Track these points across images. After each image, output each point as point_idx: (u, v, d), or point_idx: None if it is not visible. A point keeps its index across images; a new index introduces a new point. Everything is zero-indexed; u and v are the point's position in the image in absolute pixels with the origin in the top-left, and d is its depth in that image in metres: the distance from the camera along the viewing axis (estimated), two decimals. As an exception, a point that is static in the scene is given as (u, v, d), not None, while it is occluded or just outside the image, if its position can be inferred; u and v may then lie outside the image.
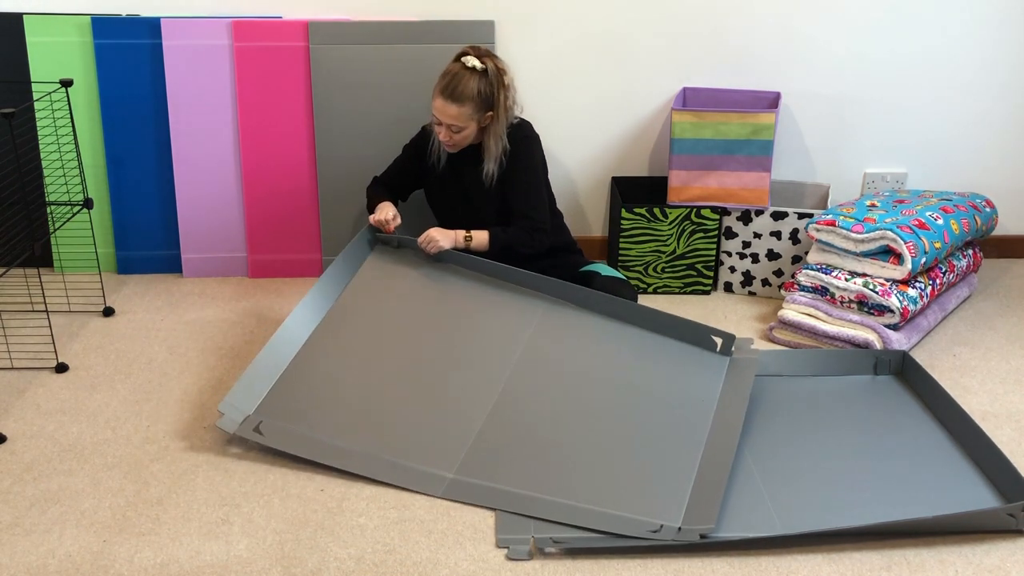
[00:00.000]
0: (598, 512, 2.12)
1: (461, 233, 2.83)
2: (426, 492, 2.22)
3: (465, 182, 2.91)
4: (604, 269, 2.99)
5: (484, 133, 2.82)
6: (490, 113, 2.78)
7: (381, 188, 3.04)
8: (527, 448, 2.32)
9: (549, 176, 3.00)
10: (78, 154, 3.05)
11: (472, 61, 2.74)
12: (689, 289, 3.30)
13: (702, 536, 2.02)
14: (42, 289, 2.94)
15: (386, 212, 2.88)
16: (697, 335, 2.64)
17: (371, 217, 2.89)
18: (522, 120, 2.92)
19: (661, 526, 2.07)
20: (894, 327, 2.84)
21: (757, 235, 3.23)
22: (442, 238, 2.81)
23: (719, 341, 2.61)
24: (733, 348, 2.61)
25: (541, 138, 2.93)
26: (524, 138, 2.88)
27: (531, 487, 2.20)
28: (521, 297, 2.75)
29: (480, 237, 2.84)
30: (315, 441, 2.35)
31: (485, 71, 2.74)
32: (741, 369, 2.54)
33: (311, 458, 2.30)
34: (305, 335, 2.64)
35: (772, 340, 2.97)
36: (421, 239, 2.83)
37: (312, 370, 2.55)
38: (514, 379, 2.52)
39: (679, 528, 2.06)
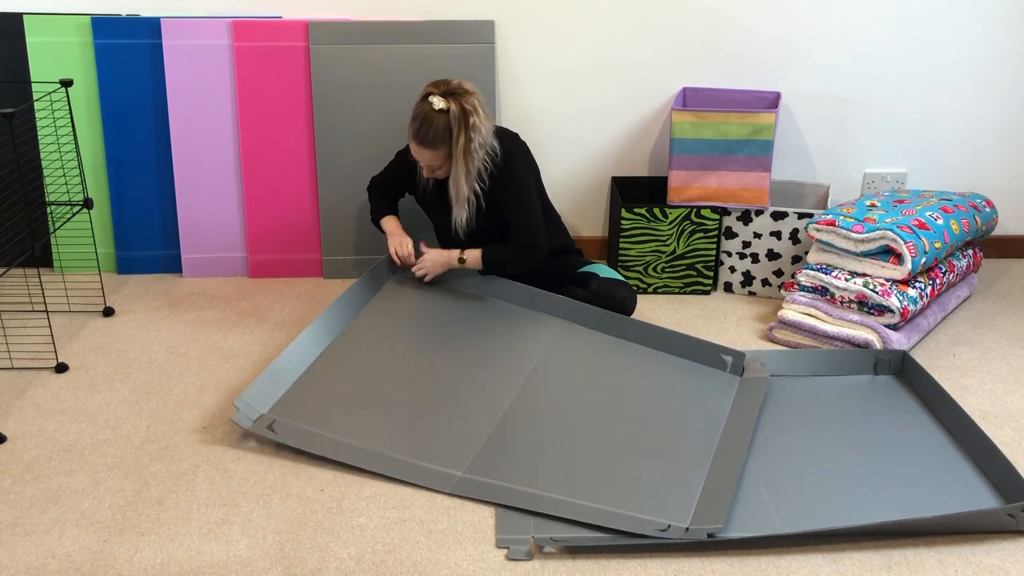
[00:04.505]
0: (607, 511, 2.13)
1: (455, 254, 2.89)
2: (436, 488, 2.23)
3: (449, 205, 2.86)
4: (603, 270, 2.99)
5: (451, 173, 2.76)
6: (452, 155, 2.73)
7: (382, 198, 3.05)
8: (537, 451, 2.34)
9: (548, 178, 3.00)
10: (78, 154, 3.05)
11: (438, 103, 2.67)
12: (689, 289, 3.30)
13: (709, 535, 2.02)
14: (42, 289, 2.94)
15: (404, 247, 2.92)
16: (707, 354, 2.70)
17: (391, 248, 2.94)
18: (505, 134, 2.87)
19: (669, 525, 2.07)
20: (894, 327, 2.84)
21: (757, 235, 3.23)
22: (435, 266, 2.90)
23: (729, 360, 2.67)
24: (743, 366, 2.67)
25: (541, 139, 2.92)
26: (508, 156, 2.82)
27: (540, 486, 2.21)
28: (535, 314, 2.85)
29: (473, 256, 2.88)
30: (327, 439, 2.36)
31: (449, 111, 2.67)
32: (751, 387, 2.59)
33: (322, 454, 2.31)
34: (323, 345, 2.69)
35: (772, 340, 2.97)
36: (416, 265, 2.91)
37: (328, 376, 2.59)
38: (525, 389, 2.55)
39: (687, 528, 2.07)
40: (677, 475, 2.25)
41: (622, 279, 2.99)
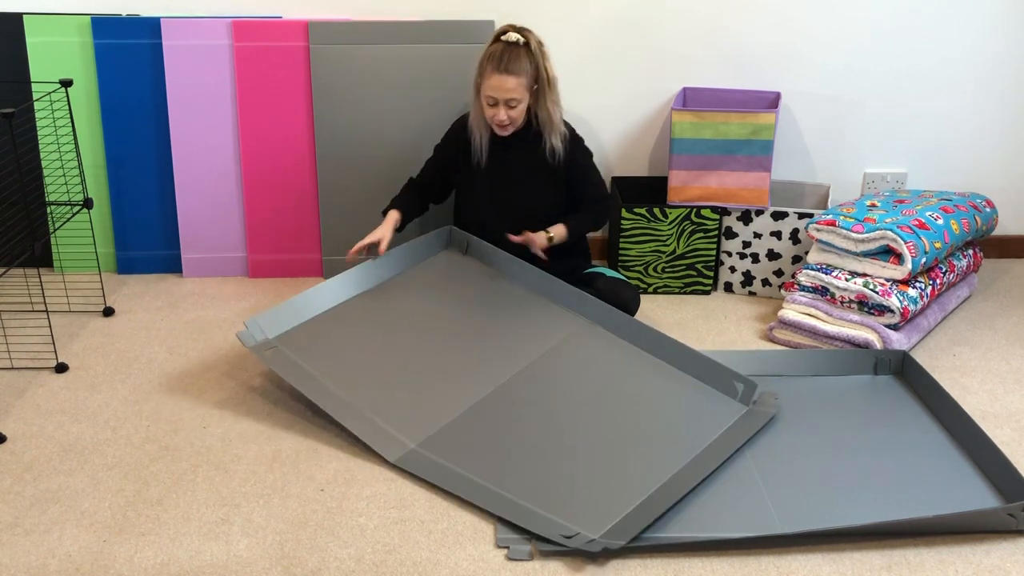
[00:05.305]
0: (519, 505, 2.13)
1: (542, 233, 2.92)
2: (382, 454, 2.31)
3: (513, 172, 2.95)
4: (608, 272, 3.01)
5: (536, 106, 2.86)
6: (536, 86, 2.83)
7: (412, 192, 3.05)
8: (495, 441, 2.35)
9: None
10: (78, 154, 3.05)
11: (514, 36, 2.80)
12: (689, 289, 3.30)
13: (605, 549, 1.99)
14: (42, 289, 2.94)
15: (369, 238, 2.86)
16: (720, 378, 2.55)
17: (368, 237, 2.88)
18: None
19: (577, 534, 2.03)
20: (894, 327, 2.84)
21: (757, 235, 3.23)
22: (539, 240, 2.91)
23: (740, 388, 2.52)
24: (754, 398, 2.50)
25: None
26: (575, 132, 2.97)
27: (481, 475, 2.23)
28: (560, 310, 2.80)
29: (559, 231, 2.94)
30: (308, 377, 2.50)
31: (528, 44, 2.80)
32: (751, 419, 2.45)
33: (296, 387, 2.46)
34: (349, 294, 2.80)
35: (772, 340, 2.97)
36: (523, 240, 2.92)
37: (341, 323, 2.71)
38: (515, 381, 2.55)
39: (591, 539, 2.02)
40: (622, 487, 2.19)
41: (627, 281, 3.00)
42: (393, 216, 2.96)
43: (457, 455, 2.29)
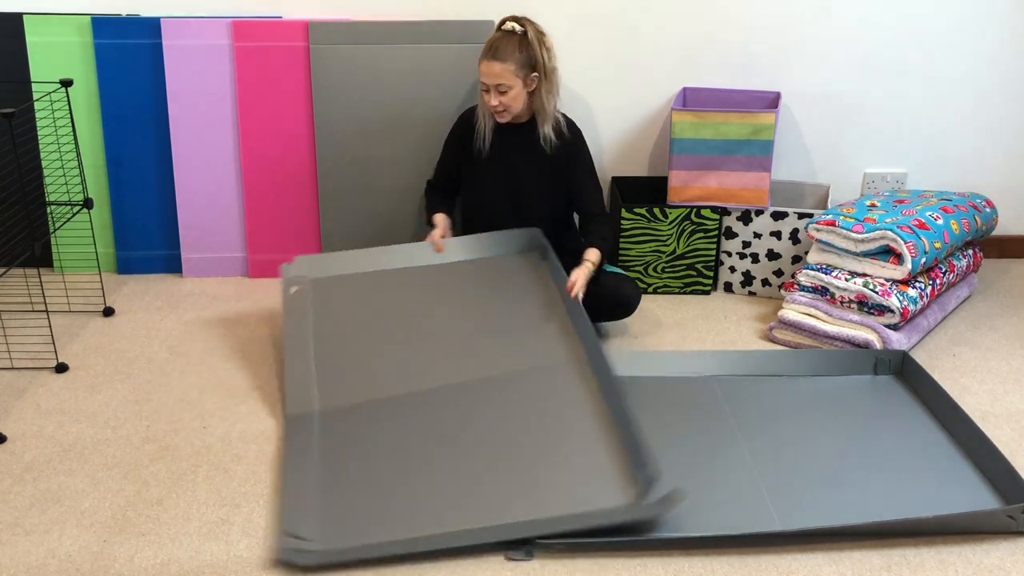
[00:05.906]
0: (304, 496, 2.15)
1: (588, 266, 2.78)
2: (286, 404, 2.43)
3: (514, 162, 2.97)
4: (608, 267, 3.01)
5: (533, 96, 2.90)
6: (535, 74, 2.85)
7: (436, 194, 3.12)
8: (380, 434, 2.31)
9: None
10: (78, 154, 3.05)
11: (512, 26, 2.85)
12: (689, 289, 3.30)
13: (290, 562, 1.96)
14: (42, 289, 2.94)
15: (435, 234, 2.98)
16: (632, 462, 2.14)
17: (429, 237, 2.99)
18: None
19: (299, 539, 1.99)
20: (894, 327, 2.84)
21: (757, 235, 3.23)
22: (582, 277, 2.74)
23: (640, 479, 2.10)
24: (651, 496, 2.04)
25: None
26: (580, 131, 2.99)
27: (327, 455, 2.25)
28: (561, 339, 2.58)
29: (594, 254, 2.84)
30: (302, 322, 2.66)
31: (525, 33, 2.83)
32: (624, 511, 2.04)
33: (283, 327, 2.65)
34: (401, 264, 2.91)
35: (772, 340, 2.97)
36: (568, 285, 2.70)
37: (372, 286, 2.82)
38: (448, 390, 2.44)
39: (296, 550, 1.97)
40: (423, 518, 2.07)
41: (628, 277, 3.01)
42: (441, 218, 3.04)
43: (341, 445, 2.29)
